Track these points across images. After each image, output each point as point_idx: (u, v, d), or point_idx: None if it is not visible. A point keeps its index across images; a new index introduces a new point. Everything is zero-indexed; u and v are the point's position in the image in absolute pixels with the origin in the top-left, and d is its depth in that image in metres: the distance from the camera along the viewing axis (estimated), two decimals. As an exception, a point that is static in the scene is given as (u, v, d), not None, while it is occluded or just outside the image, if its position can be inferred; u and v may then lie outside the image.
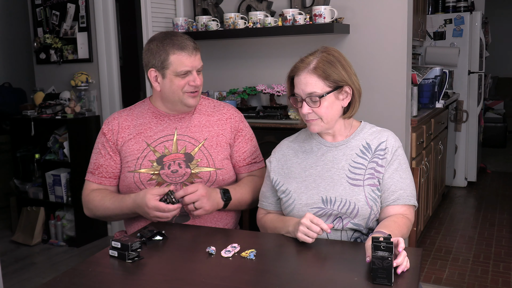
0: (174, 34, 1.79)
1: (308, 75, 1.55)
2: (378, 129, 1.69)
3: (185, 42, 1.76)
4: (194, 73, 1.78)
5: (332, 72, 1.56)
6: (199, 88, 1.82)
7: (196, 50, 1.78)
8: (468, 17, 4.74)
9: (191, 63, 1.76)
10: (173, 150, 1.81)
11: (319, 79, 1.55)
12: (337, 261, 1.41)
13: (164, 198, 1.65)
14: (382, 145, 1.62)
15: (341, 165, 1.61)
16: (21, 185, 4.03)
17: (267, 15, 3.05)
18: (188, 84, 1.77)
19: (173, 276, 1.31)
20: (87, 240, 3.80)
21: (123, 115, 1.90)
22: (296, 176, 1.66)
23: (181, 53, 1.75)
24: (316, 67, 1.56)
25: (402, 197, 1.59)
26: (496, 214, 4.19)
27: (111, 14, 3.74)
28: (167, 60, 1.75)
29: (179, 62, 1.75)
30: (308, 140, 1.70)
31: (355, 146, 1.63)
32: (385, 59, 2.91)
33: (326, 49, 1.61)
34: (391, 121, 2.90)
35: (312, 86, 1.55)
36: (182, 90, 1.78)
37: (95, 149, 1.90)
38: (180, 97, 1.79)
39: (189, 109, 1.86)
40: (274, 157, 1.74)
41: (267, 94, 3.21)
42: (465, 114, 4.82)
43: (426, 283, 2.96)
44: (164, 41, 1.76)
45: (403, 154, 1.64)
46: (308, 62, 1.57)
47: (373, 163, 1.60)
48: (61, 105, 3.83)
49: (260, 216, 1.77)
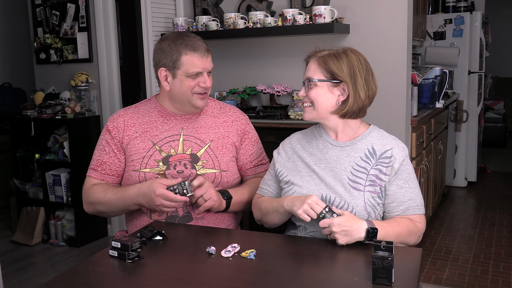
0: (187, 35, 1.79)
1: (313, 62, 1.63)
2: (385, 134, 1.68)
3: (197, 43, 1.77)
4: (205, 74, 1.78)
5: (332, 65, 1.59)
6: (209, 90, 1.83)
7: (208, 52, 1.79)
8: (468, 17, 4.74)
9: (203, 65, 1.77)
10: (179, 151, 1.81)
11: (318, 67, 1.61)
12: (337, 261, 1.41)
13: (173, 188, 1.64)
14: (388, 152, 1.62)
15: (344, 166, 1.62)
16: (21, 185, 4.03)
17: (267, 15, 3.05)
18: (198, 85, 1.78)
19: (173, 276, 1.31)
20: (87, 240, 3.80)
21: (128, 113, 1.89)
22: (300, 170, 1.67)
23: (193, 54, 1.75)
24: (321, 56, 1.62)
25: (412, 207, 1.60)
26: (496, 214, 4.19)
27: (111, 14, 3.74)
28: (179, 61, 1.75)
29: (191, 63, 1.75)
30: (317, 137, 1.71)
31: (360, 149, 1.63)
32: (385, 59, 2.91)
33: (345, 48, 1.65)
34: (391, 121, 2.90)
35: (311, 72, 1.62)
36: (192, 91, 1.78)
37: (99, 145, 1.89)
38: (189, 98, 1.80)
39: (196, 110, 1.86)
40: (282, 148, 1.76)
41: (267, 94, 3.21)
42: (465, 114, 4.82)
43: (426, 283, 2.96)
44: (176, 41, 1.76)
45: (410, 164, 1.65)
46: (319, 52, 1.65)
47: (376, 170, 1.60)
48: (61, 105, 3.83)
49: (255, 199, 1.79)
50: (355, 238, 1.46)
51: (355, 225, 1.46)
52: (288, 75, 3.21)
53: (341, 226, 1.44)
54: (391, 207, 1.60)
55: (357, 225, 1.46)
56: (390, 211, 1.61)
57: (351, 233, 1.45)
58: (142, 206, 1.74)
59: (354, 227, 1.45)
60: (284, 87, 3.12)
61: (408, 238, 1.57)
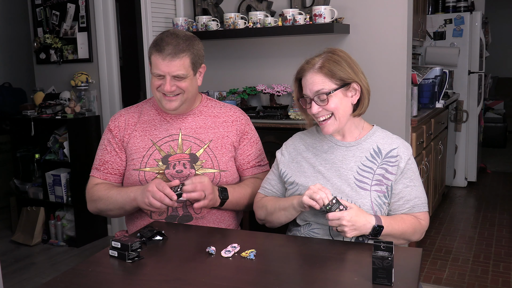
0: (168, 35, 1.75)
1: (314, 75, 1.58)
2: (390, 134, 1.70)
3: (165, 46, 1.71)
4: (167, 78, 1.73)
5: (338, 70, 1.58)
6: (177, 93, 1.76)
7: (172, 56, 1.70)
8: (468, 17, 4.74)
9: (164, 68, 1.72)
10: (178, 150, 1.81)
11: (325, 77, 1.57)
12: (337, 261, 1.41)
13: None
14: (394, 152, 1.63)
15: (350, 166, 1.62)
16: (21, 185, 4.03)
17: (267, 15, 3.05)
18: (161, 87, 1.76)
19: (173, 276, 1.31)
20: (87, 240, 3.80)
21: (130, 112, 1.91)
22: (305, 171, 1.67)
23: (156, 55, 1.73)
24: (322, 66, 1.58)
25: (417, 205, 1.62)
26: (496, 214, 4.19)
27: (111, 14, 3.74)
28: (150, 58, 1.77)
29: (154, 64, 1.75)
30: (320, 137, 1.71)
31: (366, 149, 1.64)
32: (385, 59, 2.91)
33: (331, 50, 1.64)
34: (391, 121, 2.90)
35: (319, 84, 1.57)
36: (157, 90, 1.78)
37: (101, 145, 1.90)
38: (158, 97, 1.80)
39: (170, 112, 1.83)
40: (286, 150, 1.76)
41: (267, 94, 3.21)
42: (465, 114, 4.82)
43: (426, 283, 2.96)
44: (157, 38, 1.76)
45: (415, 162, 1.66)
46: (313, 63, 1.60)
47: (382, 169, 1.61)
48: (61, 105, 3.83)
49: (258, 199, 1.78)
50: (363, 232, 1.49)
51: (364, 220, 1.49)
52: (288, 75, 3.18)
53: (351, 220, 1.46)
54: (397, 206, 1.61)
55: (366, 220, 1.49)
56: (396, 209, 1.62)
57: (360, 227, 1.48)
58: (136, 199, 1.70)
59: (363, 222, 1.48)
60: (284, 87, 3.12)
61: (413, 236, 1.61)
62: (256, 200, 1.79)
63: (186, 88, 1.77)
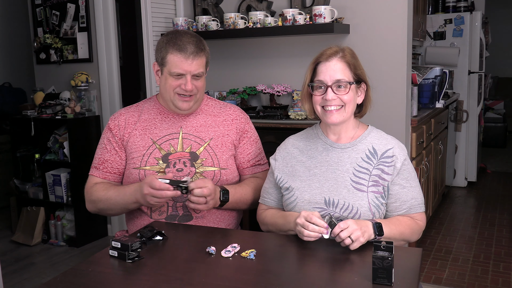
0: (182, 34, 1.78)
1: (339, 62, 1.58)
2: (384, 135, 1.69)
3: (186, 45, 1.74)
4: (187, 77, 1.76)
5: (358, 66, 1.60)
6: (193, 93, 1.79)
7: (194, 55, 1.74)
8: (468, 17, 4.74)
9: (186, 67, 1.75)
10: (178, 149, 1.82)
11: (348, 68, 1.58)
12: (337, 261, 1.41)
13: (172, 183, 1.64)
14: (389, 152, 1.62)
15: (346, 168, 1.61)
16: (21, 185, 4.03)
17: (267, 15, 3.05)
18: (180, 87, 1.77)
19: (173, 276, 1.31)
20: (87, 240, 3.80)
21: (130, 111, 1.91)
22: (300, 174, 1.65)
23: (177, 55, 1.74)
24: (346, 55, 1.59)
25: (414, 206, 1.62)
26: (496, 214, 4.19)
27: (111, 14, 3.74)
28: (165, 58, 1.76)
29: (173, 63, 1.75)
30: (314, 139, 1.70)
31: (361, 150, 1.63)
32: (385, 59, 2.91)
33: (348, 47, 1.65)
34: (391, 121, 2.90)
35: (341, 73, 1.57)
36: (174, 91, 1.78)
37: (100, 144, 1.90)
38: (171, 97, 1.80)
39: (181, 112, 1.84)
40: (279, 155, 1.74)
41: (267, 94, 3.21)
42: (465, 114, 4.82)
43: (426, 283, 2.96)
44: (170, 38, 1.77)
45: (411, 163, 1.66)
46: (337, 50, 1.60)
47: (378, 170, 1.60)
48: (61, 105, 3.83)
49: (260, 212, 1.77)
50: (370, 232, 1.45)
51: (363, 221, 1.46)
52: (288, 75, 3.21)
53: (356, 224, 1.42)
54: (394, 207, 1.61)
55: (364, 221, 1.47)
56: (393, 211, 1.61)
57: (364, 227, 1.44)
58: (138, 202, 1.72)
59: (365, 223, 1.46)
60: (284, 87, 3.12)
61: (411, 236, 1.60)
62: (258, 213, 1.78)
63: (201, 87, 1.81)
